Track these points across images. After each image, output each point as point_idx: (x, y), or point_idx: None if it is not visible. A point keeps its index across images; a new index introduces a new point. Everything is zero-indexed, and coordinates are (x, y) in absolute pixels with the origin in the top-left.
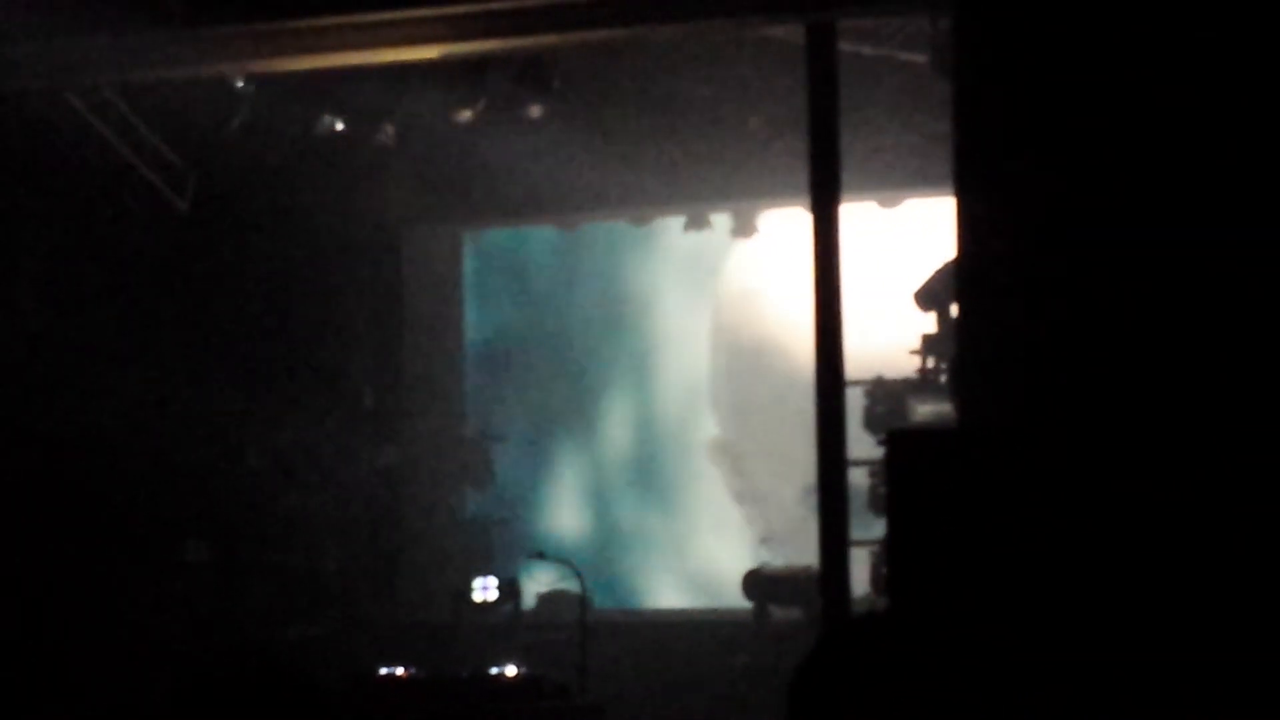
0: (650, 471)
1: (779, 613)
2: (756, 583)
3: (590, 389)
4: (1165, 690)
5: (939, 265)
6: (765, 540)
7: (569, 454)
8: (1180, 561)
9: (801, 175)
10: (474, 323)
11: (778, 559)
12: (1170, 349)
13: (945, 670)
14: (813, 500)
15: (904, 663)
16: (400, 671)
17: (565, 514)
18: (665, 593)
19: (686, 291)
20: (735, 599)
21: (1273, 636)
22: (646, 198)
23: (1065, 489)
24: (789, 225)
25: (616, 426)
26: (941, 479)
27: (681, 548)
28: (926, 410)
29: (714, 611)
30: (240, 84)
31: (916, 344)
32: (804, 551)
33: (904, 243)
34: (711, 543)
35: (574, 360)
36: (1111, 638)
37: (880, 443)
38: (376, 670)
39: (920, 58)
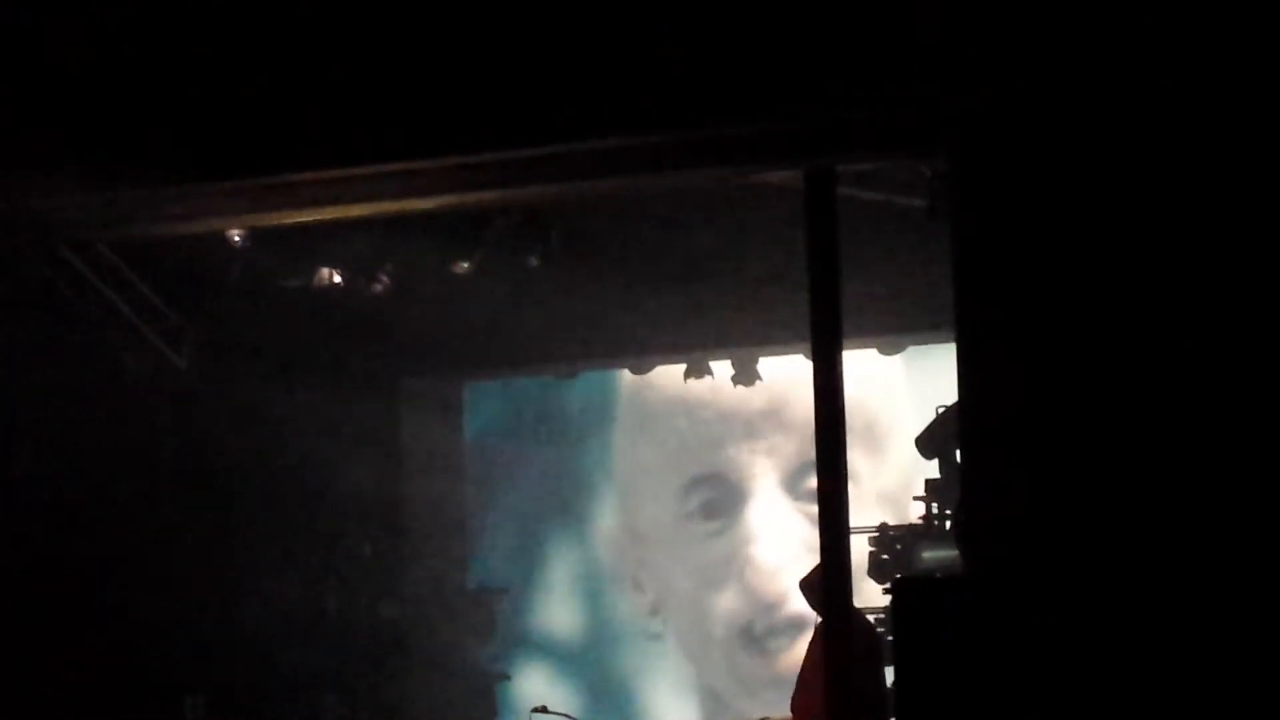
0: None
1: None
2: None
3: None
4: None
5: (941, 411)
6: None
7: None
8: (1197, 710)
9: (802, 321)
10: None
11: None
12: (1174, 492)
13: None
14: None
15: None
16: None
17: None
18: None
19: None
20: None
21: None
22: (646, 345)
23: (1074, 636)
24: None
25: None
26: (948, 627)
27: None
28: (932, 557)
29: None
30: (237, 238)
31: (920, 490)
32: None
33: (906, 388)
34: None
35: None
36: None
37: (886, 590)
38: None
39: (918, 202)
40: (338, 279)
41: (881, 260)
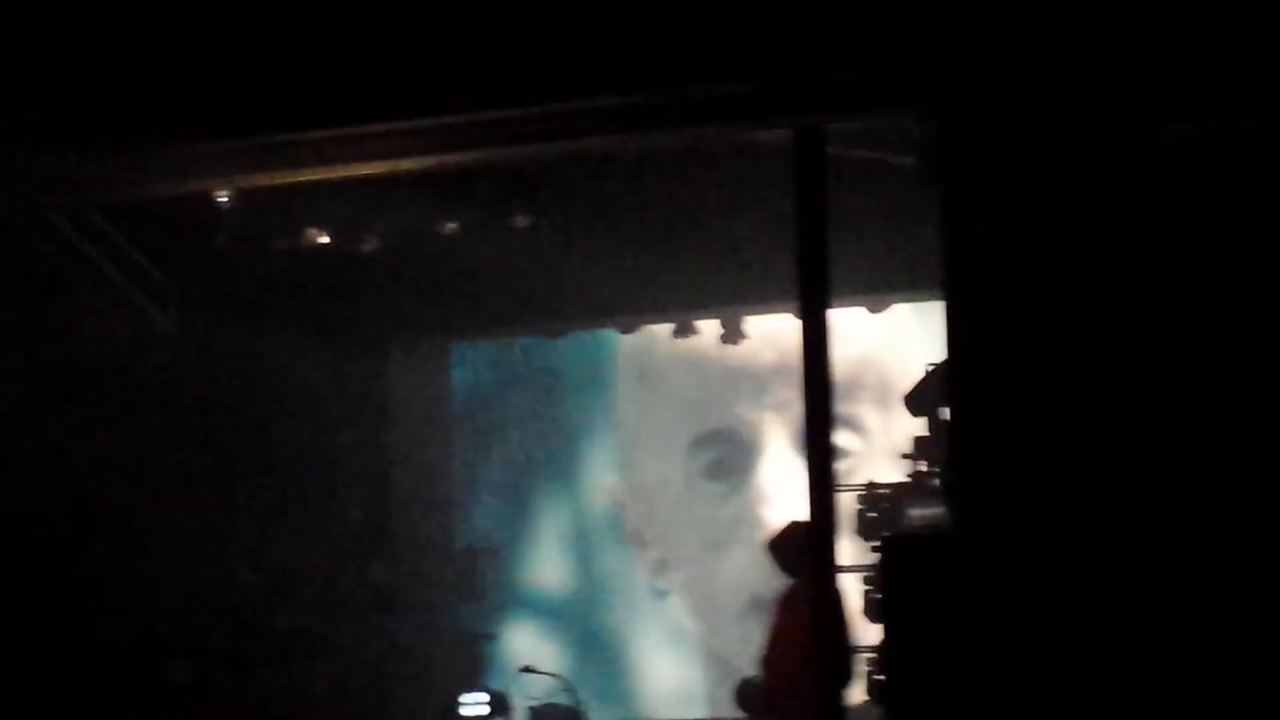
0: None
1: None
2: (750, 694)
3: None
4: None
5: (929, 368)
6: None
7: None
8: (1181, 668)
9: (790, 280)
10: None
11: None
12: (1159, 448)
13: None
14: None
15: None
16: None
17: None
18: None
19: None
20: None
21: None
22: (634, 305)
23: (1061, 592)
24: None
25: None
26: (936, 584)
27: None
28: (919, 515)
29: None
30: (224, 199)
31: (908, 448)
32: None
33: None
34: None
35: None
36: None
37: (874, 549)
38: None
39: (906, 161)
40: (325, 239)
41: (869, 218)
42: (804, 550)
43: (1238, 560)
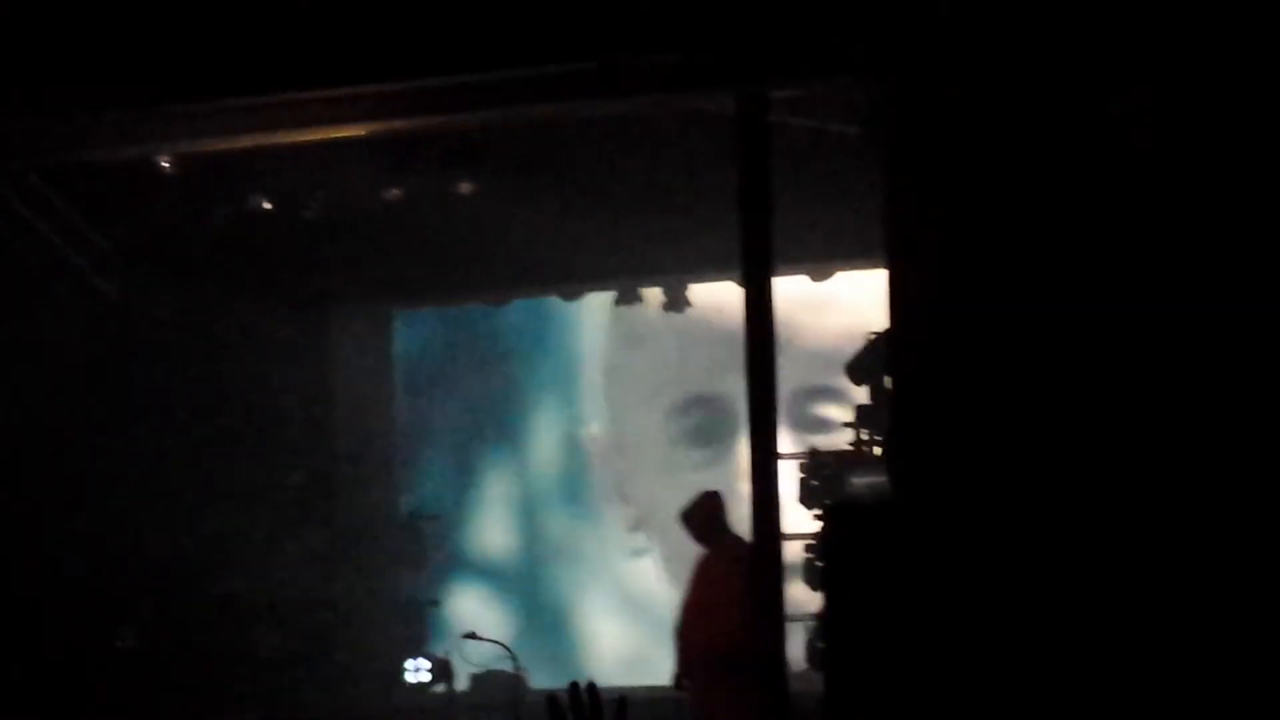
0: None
1: None
2: None
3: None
4: None
5: (870, 337)
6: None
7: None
8: (1121, 636)
9: (733, 248)
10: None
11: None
12: (1098, 417)
13: None
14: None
15: None
16: None
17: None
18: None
19: None
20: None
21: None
22: (577, 272)
23: (1001, 560)
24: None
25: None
26: (878, 551)
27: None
28: (862, 483)
29: (650, 689)
30: (167, 165)
31: (850, 416)
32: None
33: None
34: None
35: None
36: (1053, 711)
37: (816, 517)
38: None
39: (850, 129)
40: (268, 206)
41: (812, 186)
42: (717, 521)
43: (1182, 529)
